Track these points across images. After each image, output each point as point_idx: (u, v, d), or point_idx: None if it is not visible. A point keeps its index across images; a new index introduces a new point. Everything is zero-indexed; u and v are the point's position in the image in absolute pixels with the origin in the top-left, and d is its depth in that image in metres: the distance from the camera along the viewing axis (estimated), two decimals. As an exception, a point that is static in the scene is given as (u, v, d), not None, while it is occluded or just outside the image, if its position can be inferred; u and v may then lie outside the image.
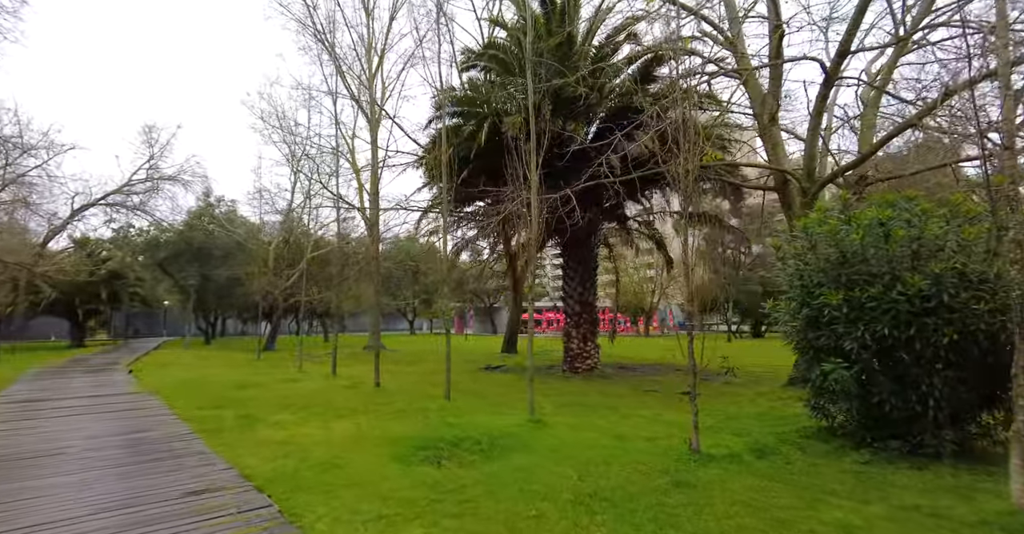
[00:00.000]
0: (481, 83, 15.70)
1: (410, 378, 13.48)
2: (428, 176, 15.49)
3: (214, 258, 27.87)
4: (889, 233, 5.50)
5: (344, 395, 10.43)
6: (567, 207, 10.95)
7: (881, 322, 5.37)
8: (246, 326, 41.58)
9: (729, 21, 11.92)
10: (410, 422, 7.78)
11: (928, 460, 5.41)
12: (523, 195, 11.53)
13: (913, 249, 5.37)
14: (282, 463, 5.58)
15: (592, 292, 14.99)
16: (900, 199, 5.88)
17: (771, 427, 7.43)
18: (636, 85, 12.04)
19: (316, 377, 13.51)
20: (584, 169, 12.51)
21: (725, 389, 11.59)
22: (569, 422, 7.82)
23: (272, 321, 26.89)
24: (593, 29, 14.46)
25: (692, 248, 6.73)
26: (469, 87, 15.48)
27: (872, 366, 5.53)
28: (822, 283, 6.05)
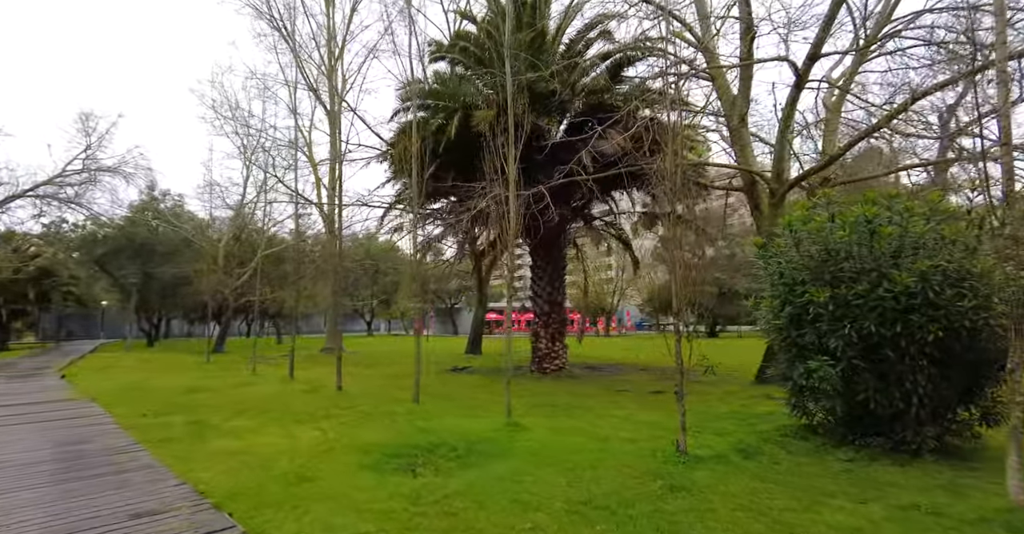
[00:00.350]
0: (449, 76, 15.29)
1: (373, 381, 12.92)
2: (393, 171, 14.96)
3: (158, 255, 26.24)
4: (875, 230, 5.49)
5: (304, 399, 9.83)
6: (540, 204, 10.70)
7: (868, 319, 5.35)
8: (193, 327, 39.47)
9: (700, 22, 11.98)
10: (379, 428, 7.33)
11: (910, 457, 5.43)
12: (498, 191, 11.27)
13: (898, 246, 5.36)
14: (243, 476, 5.07)
15: (561, 292, 14.83)
16: (881, 197, 5.90)
17: (749, 426, 7.40)
18: (609, 82, 11.94)
19: (271, 380, 12.76)
20: (556, 166, 12.33)
21: (695, 388, 11.59)
22: (546, 424, 7.56)
23: (222, 322, 25.53)
24: (562, 26, 14.32)
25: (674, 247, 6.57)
26: (436, 80, 15.03)
27: (858, 363, 5.50)
28: (806, 280, 6.01)
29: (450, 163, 12.81)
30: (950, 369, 5.29)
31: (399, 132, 14.08)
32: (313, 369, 15.07)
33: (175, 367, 16.84)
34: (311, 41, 22.90)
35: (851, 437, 5.92)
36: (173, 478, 4.90)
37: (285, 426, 7.43)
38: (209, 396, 10.25)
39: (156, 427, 7.35)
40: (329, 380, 12.34)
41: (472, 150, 13.50)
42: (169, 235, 26.76)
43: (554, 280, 14.65)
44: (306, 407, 8.94)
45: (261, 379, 13.00)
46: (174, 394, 10.53)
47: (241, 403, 9.35)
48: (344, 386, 11.07)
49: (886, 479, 4.89)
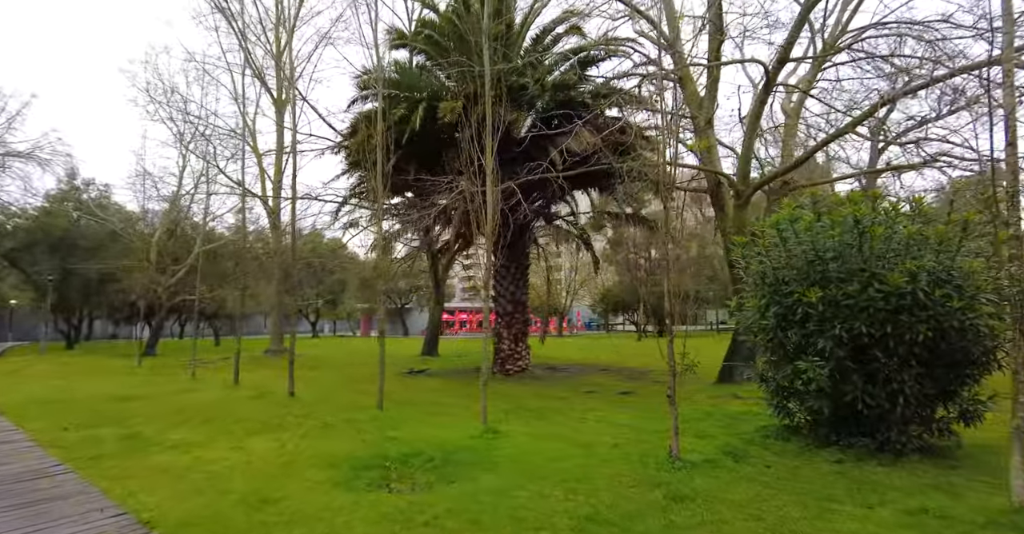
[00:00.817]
0: (409, 66, 14.68)
1: (327, 385, 12.15)
2: (349, 163, 14.20)
3: (80, 250, 23.96)
4: (864, 230, 5.46)
5: (253, 407, 9.03)
6: (511, 201, 10.35)
7: (858, 320, 5.31)
8: (118, 328, 36.51)
9: (668, 23, 11.97)
10: (343, 437, 6.75)
11: (894, 457, 5.43)
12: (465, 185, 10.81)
13: (887, 247, 5.36)
14: (194, 499, 4.42)
15: (524, 291, 14.53)
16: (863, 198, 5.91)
17: (728, 427, 7.32)
18: (578, 78, 11.74)
19: (214, 386, 11.75)
20: (524, 163, 12.03)
21: (659, 389, 11.57)
22: (523, 430, 7.21)
23: (153, 323, 23.62)
24: (528, 21, 14.02)
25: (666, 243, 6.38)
26: (397, 69, 14.39)
27: (847, 364, 5.46)
28: (792, 280, 5.95)
29: (412, 156, 12.24)
30: (935, 369, 5.33)
31: (357, 122, 13.35)
32: (258, 373, 14.07)
33: (100, 372, 15.31)
34: (258, 25, 21.53)
35: (835, 438, 5.90)
36: (111, 505, 4.20)
37: (236, 438, 6.71)
38: (143, 404, 9.25)
39: (83, 443, 6.46)
40: (278, 385, 11.50)
41: (436, 143, 13.00)
42: (93, 228, 24.52)
43: (517, 279, 14.34)
44: (257, 415, 8.18)
45: (202, 384, 11.95)
46: (101, 403, 9.44)
47: (182, 412, 8.45)
48: (296, 391, 10.28)
49: (880, 481, 4.84)
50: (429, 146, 12.28)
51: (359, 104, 13.93)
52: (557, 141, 11.71)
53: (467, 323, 48.60)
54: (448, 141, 12.92)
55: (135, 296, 20.00)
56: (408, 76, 13.79)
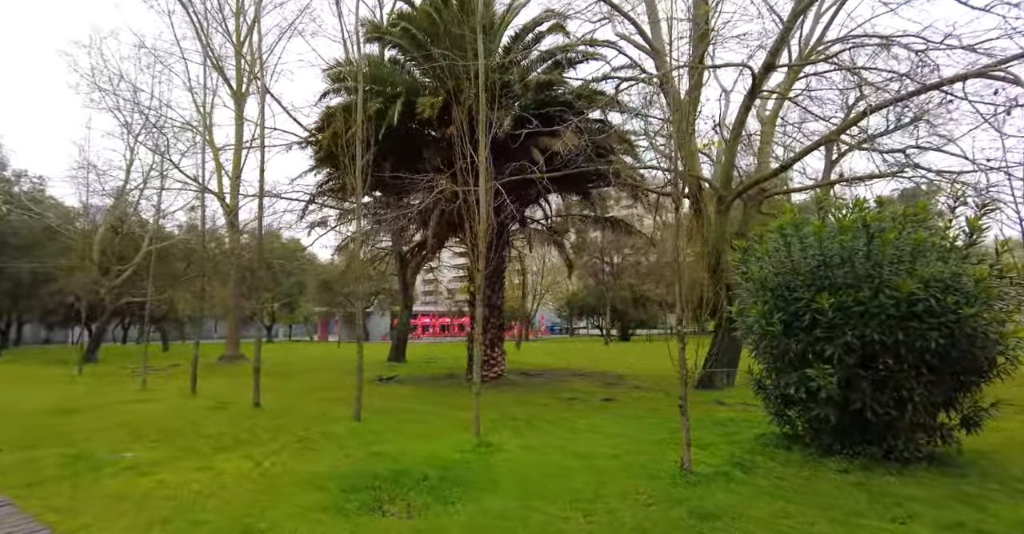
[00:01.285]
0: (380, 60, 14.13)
1: (292, 394, 11.41)
2: (318, 158, 13.50)
3: (9, 247, 22.05)
4: (874, 235, 5.38)
5: (217, 419, 8.29)
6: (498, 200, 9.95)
7: (869, 326, 5.21)
8: (51, 333, 33.91)
9: (650, 24, 11.91)
10: (324, 453, 6.20)
11: (900, 465, 5.36)
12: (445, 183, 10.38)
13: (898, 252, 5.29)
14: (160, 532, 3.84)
15: (500, 295, 14.16)
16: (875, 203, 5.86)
17: (724, 436, 7.16)
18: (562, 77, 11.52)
19: (169, 395, 10.83)
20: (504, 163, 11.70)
21: (639, 395, 11.43)
22: (515, 442, 6.83)
23: (95, 327, 21.95)
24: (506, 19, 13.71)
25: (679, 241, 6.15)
26: (370, 63, 13.80)
27: (856, 371, 5.35)
28: (798, 286, 5.83)
29: (388, 152, 11.69)
30: (944, 376, 5.29)
31: (327, 115, 12.69)
32: (216, 381, 13.13)
33: (35, 381, 13.98)
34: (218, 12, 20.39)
35: (838, 446, 5.79)
36: (61, 545, 3.58)
37: (203, 455, 6.06)
38: (89, 418, 8.36)
39: (20, 467, 5.67)
40: (240, 394, 10.72)
41: (414, 140, 12.51)
42: (27, 223, 22.63)
43: (493, 282, 13.93)
44: (222, 429, 7.48)
45: (154, 394, 10.99)
46: (38, 417, 8.48)
47: (135, 426, 7.65)
48: (261, 402, 9.56)
49: (897, 492, 4.72)
50: (406, 143, 11.78)
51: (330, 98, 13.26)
52: (539, 141, 11.44)
53: (430, 327, 47.75)
54: (426, 138, 12.46)
55: (74, 298, 18.47)
56: (381, 70, 13.25)
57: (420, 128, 12.26)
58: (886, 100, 7.94)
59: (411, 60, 13.62)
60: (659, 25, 11.94)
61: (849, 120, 8.56)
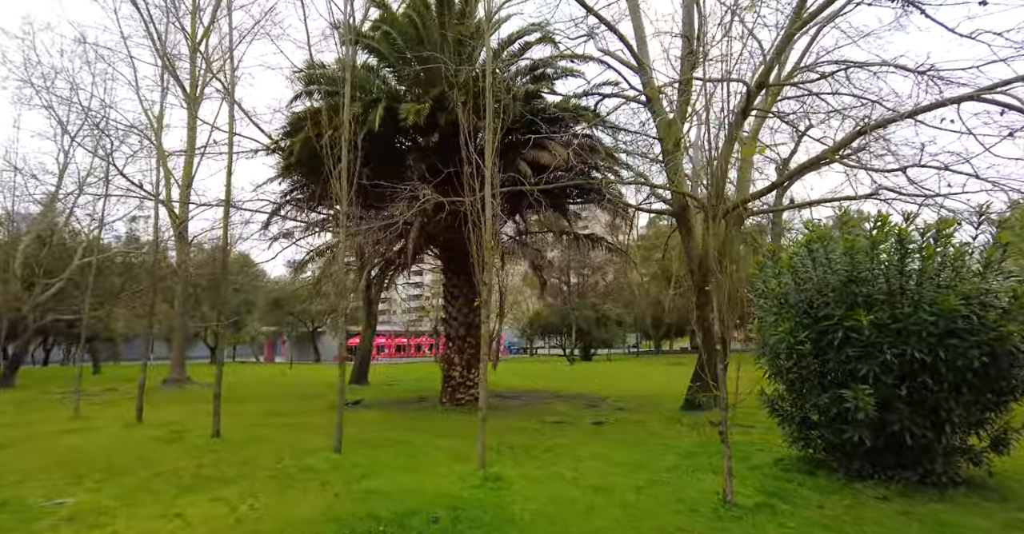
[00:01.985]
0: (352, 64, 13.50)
1: (251, 421, 10.29)
2: (284, 166, 12.61)
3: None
4: (908, 251, 5.21)
5: (171, 452, 7.23)
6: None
7: (908, 344, 4.99)
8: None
9: (636, 40, 11.89)
10: (307, 493, 5.38)
11: (939, 490, 5.13)
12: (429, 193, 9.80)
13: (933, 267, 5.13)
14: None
15: (477, 313, 13.51)
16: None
17: (738, 461, 6.70)
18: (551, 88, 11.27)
19: (108, 424, 9.52)
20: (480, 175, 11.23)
21: (628, 417, 11.00)
22: (520, 473, 6.21)
23: (14, 347, 19.66)
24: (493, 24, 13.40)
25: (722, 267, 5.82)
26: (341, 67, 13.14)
27: (895, 392, 5.10)
28: (827, 303, 5.59)
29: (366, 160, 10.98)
30: (982, 396, 5.11)
31: (298, 120, 11.90)
32: (163, 407, 11.78)
33: (-62, 410, 12.14)
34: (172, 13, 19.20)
35: (869, 470, 5.51)
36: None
37: (162, 499, 5.12)
38: (14, 454, 7.11)
39: (-74, 518, 4.59)
40: (193, 422, 9.59)
41: (394, 148, 11.89)
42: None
43: (470, 301, 13.30)
44: (181, 464, 6.48)
45: (91, 423, 9.64)
46: (-53, 454, 7.17)
47: (73, 463, 6.53)
48: (221, 430, 8.50)
49: (950, 521, 4.44)
50: (385, 151, 11.15)
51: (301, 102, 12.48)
52: (526, 154, 11.09)
53: (385, 348, 46.09)
54: (408, 146, 11.87)
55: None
56: (356, 75, 12.60)
57: (401, 135, 11.67)
58: (883, 119, 8.02)
59: (388, 66, 13.07)
60: (645, 41, 11.93)
61: (845, 138, 8.63)
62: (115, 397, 14.53)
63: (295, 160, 11.18)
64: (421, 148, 10.70)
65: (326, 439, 8.33)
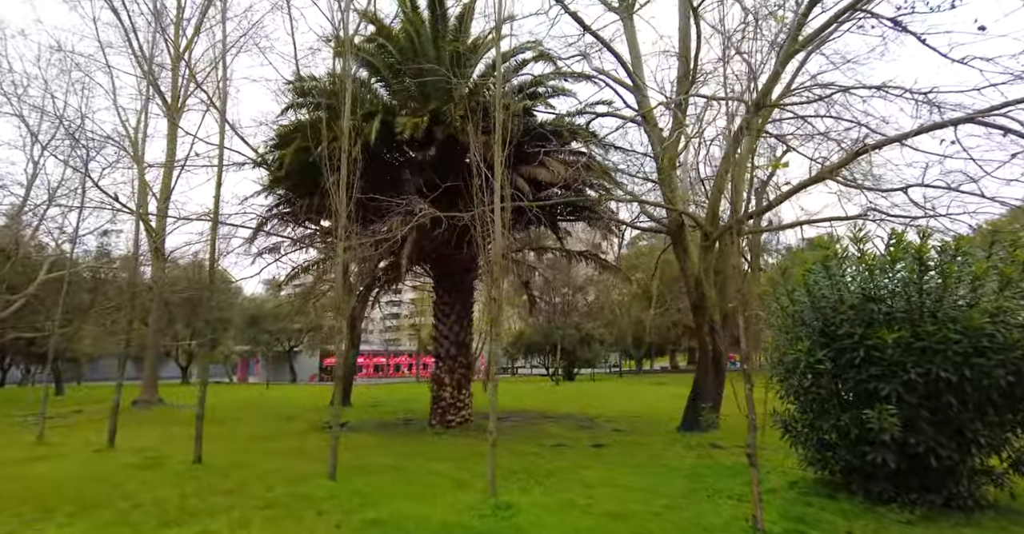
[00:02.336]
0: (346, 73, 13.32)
1: (234, 445, 9.73)
2: (271, 179, 12.26)
3: None
4: (926, 268, 5.16)
5: (150, 480, 6.70)
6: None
7: (933, 363, 4.90)
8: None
9: (632, 60, 11.98)
10: (305, 524, 4.99)
11: (964, 514, 5.00)
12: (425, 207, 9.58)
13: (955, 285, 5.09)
14: None
15: (469, 331, 13.21)
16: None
17: (744, 486, 6.57)
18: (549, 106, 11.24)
19: (77, 450, 8.87)
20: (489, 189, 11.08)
21: (626, 439, 10.73)
22: (530, 500, 5.90)
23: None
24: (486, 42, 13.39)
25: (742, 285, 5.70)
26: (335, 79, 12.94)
27: (920, 412, 4.99)
28: (845, 321, 5.49)
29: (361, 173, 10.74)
30: (1005, 416, 5.03)
31: (288, 132, 11.61)
32: (135, 431, 11.07)
33: None
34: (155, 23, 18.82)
35: (891, 493, 5.36)
36: None
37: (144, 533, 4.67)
38: (-29, 485, 6.51)
39: None
40: (171, 447, 9.02)
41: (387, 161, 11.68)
42: None
43: (462, 318, 13.01)
44: (162, 494, 5.99)
45: (58, 449, 8.97)
46: None
47: (40, 494, 5.98)
48: (203, 456, 7.96)
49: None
50: (379, 165, 10.91)
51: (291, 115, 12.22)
52: (521, 170, 10.97)
53: (362, 367, 45.02)
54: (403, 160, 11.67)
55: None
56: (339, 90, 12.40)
57: (395, 150, 11.46)
58: (885, 139, 8.12)
59: (381, 80, 12.92)
60: (640, 61, 12.03)
61: (846, 157, 8.72)
62: (81, 420, 13.69)
63: (285, 173, 10.84)
64: (418, 162, 10.51)
65: (317, 464, 7.89)
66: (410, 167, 10.71)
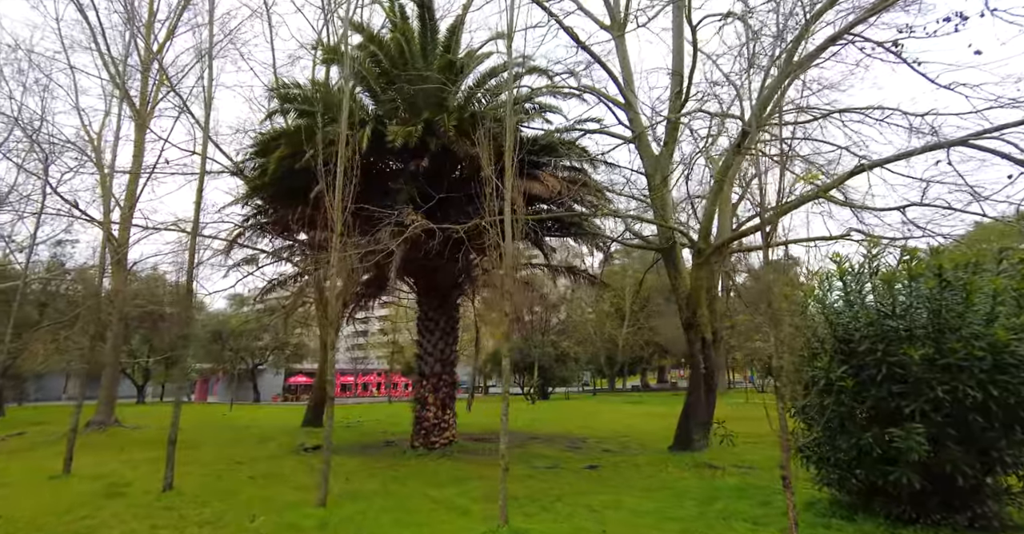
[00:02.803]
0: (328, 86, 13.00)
1: (208, 470, 8.99)
2: (252, 186, 11.72)
3: None
4: (947, 283, 5.13)
5: (116, 512, 6.03)
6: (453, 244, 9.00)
7: (958, 380, 4.82)
8: None
9: (624, 78, 12.03)
10: (303, 559, 4.51)
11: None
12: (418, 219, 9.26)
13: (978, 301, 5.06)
14: None
15: (454, 348, 12.78)
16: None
17: (762, 506, 6.38)
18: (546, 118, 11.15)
19: (28, 476, 8.02)
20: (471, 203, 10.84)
21: (619, 459, 10.43)
22: (543, 529, 5.55)
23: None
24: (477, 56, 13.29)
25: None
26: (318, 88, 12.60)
27: (946, 430, 4.89)
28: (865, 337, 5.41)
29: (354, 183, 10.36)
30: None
31: (272, 138, 11.15)
32: (93, 455, 10.15)
33: None
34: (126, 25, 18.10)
35: (913, 514, 5.22)
36: None
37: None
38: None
39: None
40: (134, 473, 8.28)
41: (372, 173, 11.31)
42: None
43: (447, 335, 12.58)
44: (132, 528, 5.38)
45: (4, 476, 8.08)
46: None
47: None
48: (174, 482, 7.29)
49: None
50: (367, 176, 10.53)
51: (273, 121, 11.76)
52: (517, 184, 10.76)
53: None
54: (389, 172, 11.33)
55: None
56: (332, 97, 12.07)
57: (386, 159, 11.13)
58: (880, 159, 8.26)
59: (366, 90, 12.62)
60: (632, 79, 12.10)
61: (840, 177, 8.83)
62: (26, 444, 12.59)
63: (268, 180, 10.36)
64: (410, 172, 10.19)
65: (299, 491, 7.36)
66: (404, 177, 10.37)
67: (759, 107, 9.52)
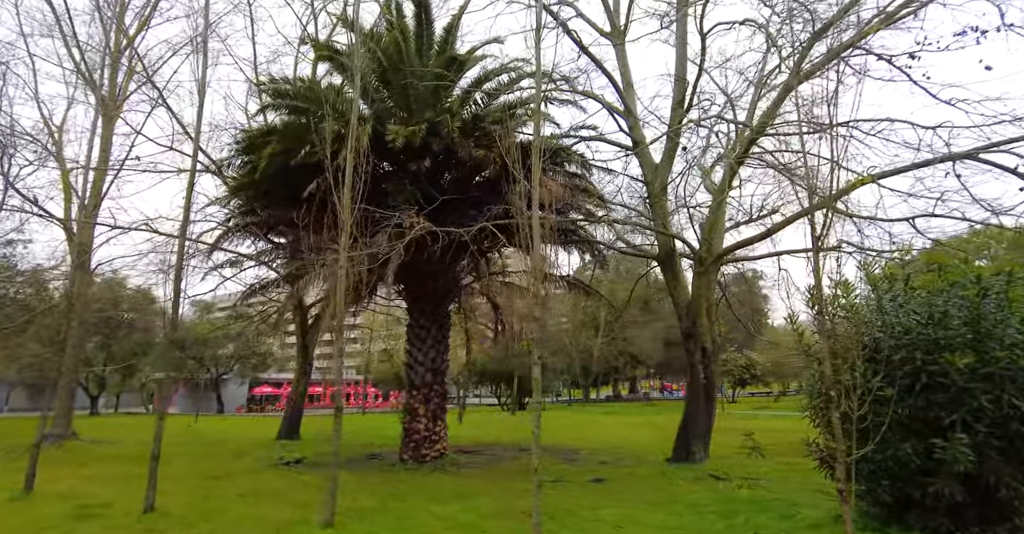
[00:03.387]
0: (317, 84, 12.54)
1: (189, 488, 8.23)
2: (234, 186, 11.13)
3: None
4: (985, 292, 5.09)
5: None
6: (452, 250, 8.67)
7: (1003, 390, 4.75)
8: None
9: (623, 86, 11.98)
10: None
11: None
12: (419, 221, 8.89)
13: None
14: None
15: (445, 358, 12.34)
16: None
17: (785, 519, 6.21)
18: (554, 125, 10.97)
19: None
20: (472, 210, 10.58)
21: (621, 471, 10.18)
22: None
23: None
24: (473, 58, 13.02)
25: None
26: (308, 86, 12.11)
27: (990, 441, 4.80)
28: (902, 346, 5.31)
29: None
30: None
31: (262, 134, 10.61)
32: (54, 471, 9.21)
33: None
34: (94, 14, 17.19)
35: (951, 527, 5.11)
36: None
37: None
38: None
39: None
40: (105, 491, 7.57)
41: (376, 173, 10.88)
42: None
43: (438, 343, 12.14)
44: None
45: (-46, 500, 7.23)
46: None
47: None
48: (155, 503, 6.64)
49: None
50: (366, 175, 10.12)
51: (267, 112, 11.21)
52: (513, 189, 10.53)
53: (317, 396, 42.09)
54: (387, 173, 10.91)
55: None
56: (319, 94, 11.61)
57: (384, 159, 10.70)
58: (887, 170, 8.33)
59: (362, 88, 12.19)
60: (631, 87, 12.05)
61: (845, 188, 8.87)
62: None
63: (258, 178, 9.81)
64: (412, 174, 9.81)
65: (294, 508, 6.84)
66: (403, 178, 9.99)
67: (764, 117, 9.54)
